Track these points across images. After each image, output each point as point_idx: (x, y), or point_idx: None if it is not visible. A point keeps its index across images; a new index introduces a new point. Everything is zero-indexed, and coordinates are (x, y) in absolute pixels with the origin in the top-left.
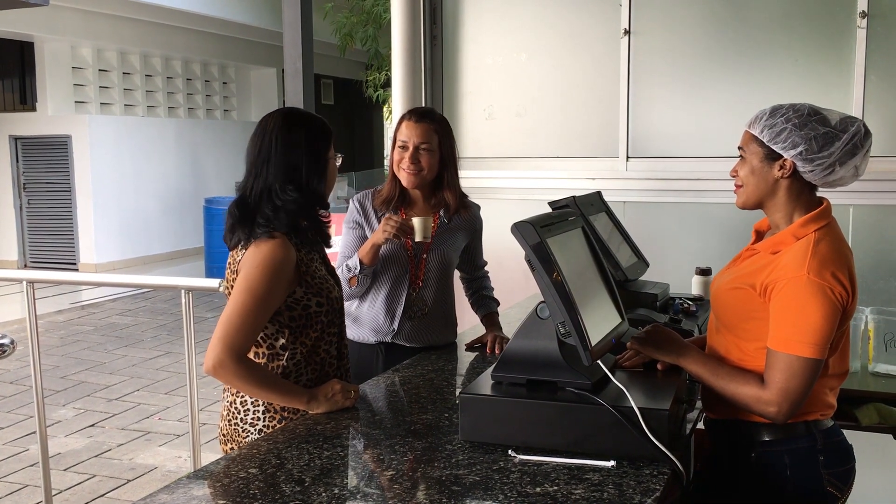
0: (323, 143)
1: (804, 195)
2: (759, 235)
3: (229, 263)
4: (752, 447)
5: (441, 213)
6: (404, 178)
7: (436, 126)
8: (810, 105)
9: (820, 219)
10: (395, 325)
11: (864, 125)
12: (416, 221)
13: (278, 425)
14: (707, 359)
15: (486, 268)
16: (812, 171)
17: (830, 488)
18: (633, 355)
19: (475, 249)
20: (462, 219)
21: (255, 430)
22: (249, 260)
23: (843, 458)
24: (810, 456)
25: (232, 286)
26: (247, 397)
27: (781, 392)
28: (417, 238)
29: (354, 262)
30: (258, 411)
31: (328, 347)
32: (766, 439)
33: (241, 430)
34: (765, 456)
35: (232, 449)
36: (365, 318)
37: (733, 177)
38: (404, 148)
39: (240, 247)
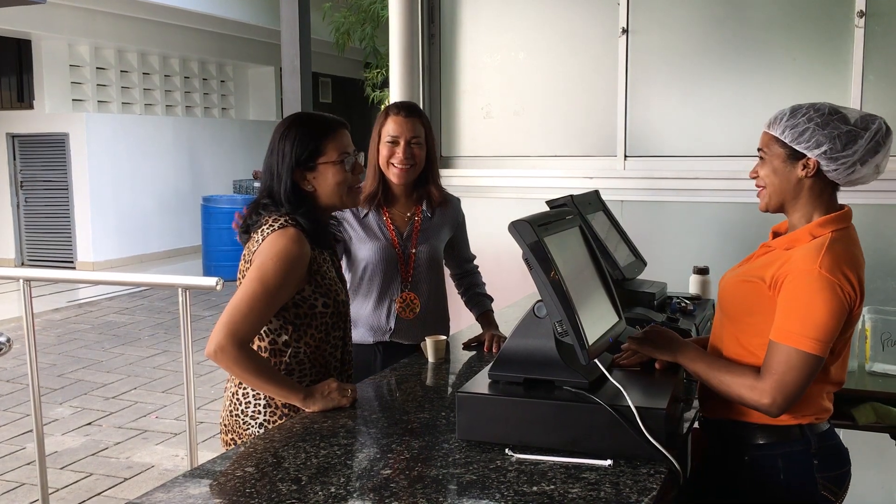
0: (309, 149)
1: (825, 195)
2: (776, 237)
3: (243, 255)
4: (745, 450)
5: (423, 206)
6: (396, 173)
7: (423, 120)
8: (830, 104)
9: (839, 221)
10: (392, 324)
11: (885, 122)
12: (430, 342)
13: (279, 420)
14: (704, 354)
15: (477, 262)
16: (836, 169)
17: (825, 492)
18: (631, 354)
19: (461, 241)
20: (444, 213)
21: (256, 423)
22: (266, 250)
23: (837, 461)
24: (804, 460)
25: (244, 276)
26: (248, 389)
27: (777, 383)
28: (431, 359)
29: None
30: (259, 405)
31: (333, 351)
32: (760, 442)
33: (241, 421)
34: (758, 459)
35: (232, 440)
36: (361, 319)
37: (753, 178)
38: (395, 143)
39: (255, 238)
